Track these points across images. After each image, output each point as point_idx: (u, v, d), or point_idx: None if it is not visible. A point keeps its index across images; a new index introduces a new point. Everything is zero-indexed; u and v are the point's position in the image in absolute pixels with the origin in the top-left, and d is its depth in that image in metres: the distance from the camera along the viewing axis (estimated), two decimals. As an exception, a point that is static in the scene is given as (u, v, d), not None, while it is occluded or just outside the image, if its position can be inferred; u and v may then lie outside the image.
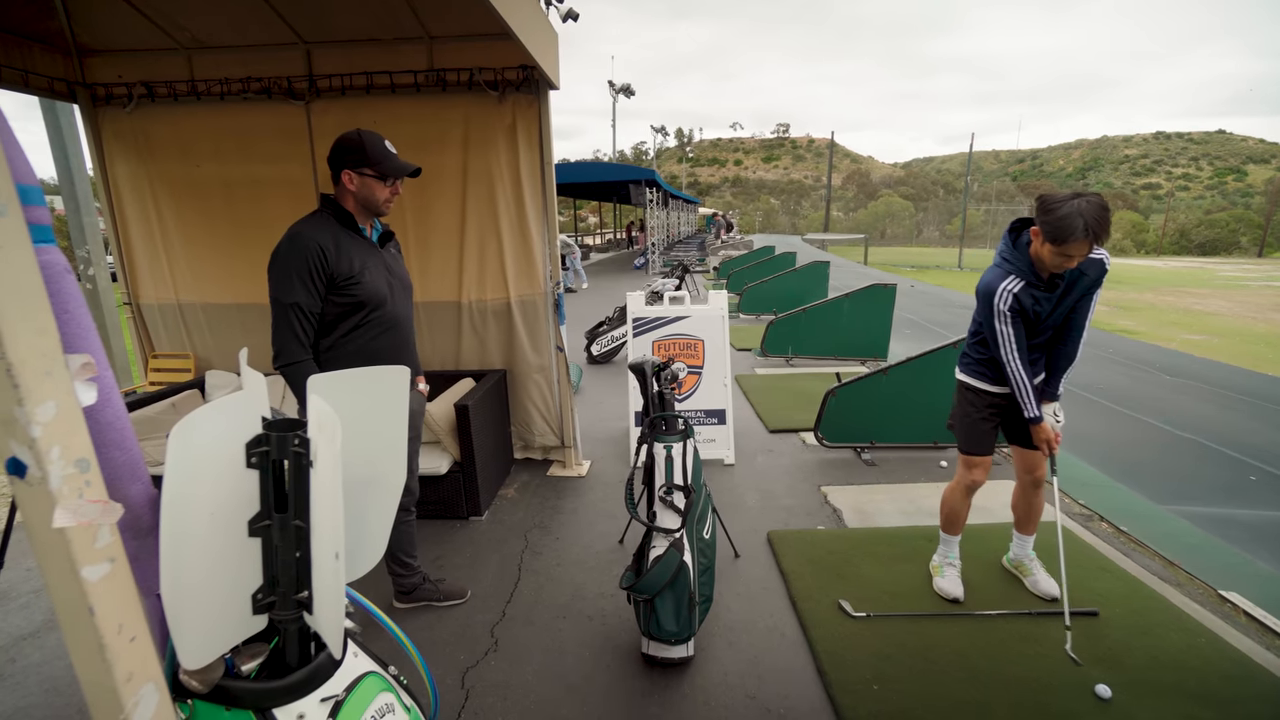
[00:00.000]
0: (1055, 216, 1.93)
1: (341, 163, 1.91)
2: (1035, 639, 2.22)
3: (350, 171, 1.91)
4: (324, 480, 0.81)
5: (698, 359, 3.94)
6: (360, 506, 1.04)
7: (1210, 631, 2.23)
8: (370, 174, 1.91)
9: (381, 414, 1.03)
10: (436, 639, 2.31)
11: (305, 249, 1.85)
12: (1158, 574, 2.67)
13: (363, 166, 1.90)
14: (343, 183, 1.93)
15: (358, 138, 1.91)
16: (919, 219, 65.52)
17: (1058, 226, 1.93)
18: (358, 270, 1.93)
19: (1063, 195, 1.97)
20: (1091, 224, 1.89)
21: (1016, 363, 2.17)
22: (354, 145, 1.90)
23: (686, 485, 2.24)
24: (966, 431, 2.42)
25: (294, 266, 1.84)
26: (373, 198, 1.94)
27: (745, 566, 2.77)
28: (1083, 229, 1.90)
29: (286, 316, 1.85)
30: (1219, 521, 3.39)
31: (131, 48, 3.48)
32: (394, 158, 1.94)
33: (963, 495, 2.47)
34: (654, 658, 2.12)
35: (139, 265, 3.83)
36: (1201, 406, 5.97)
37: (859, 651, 2.17)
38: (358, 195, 1.94)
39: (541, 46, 3.03)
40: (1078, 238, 1.91)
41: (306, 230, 1.88)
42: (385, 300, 2.01)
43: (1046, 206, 1.98)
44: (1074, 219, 1.90)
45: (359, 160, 1.89)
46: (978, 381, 2.38)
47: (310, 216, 1.96)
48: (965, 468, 2.44)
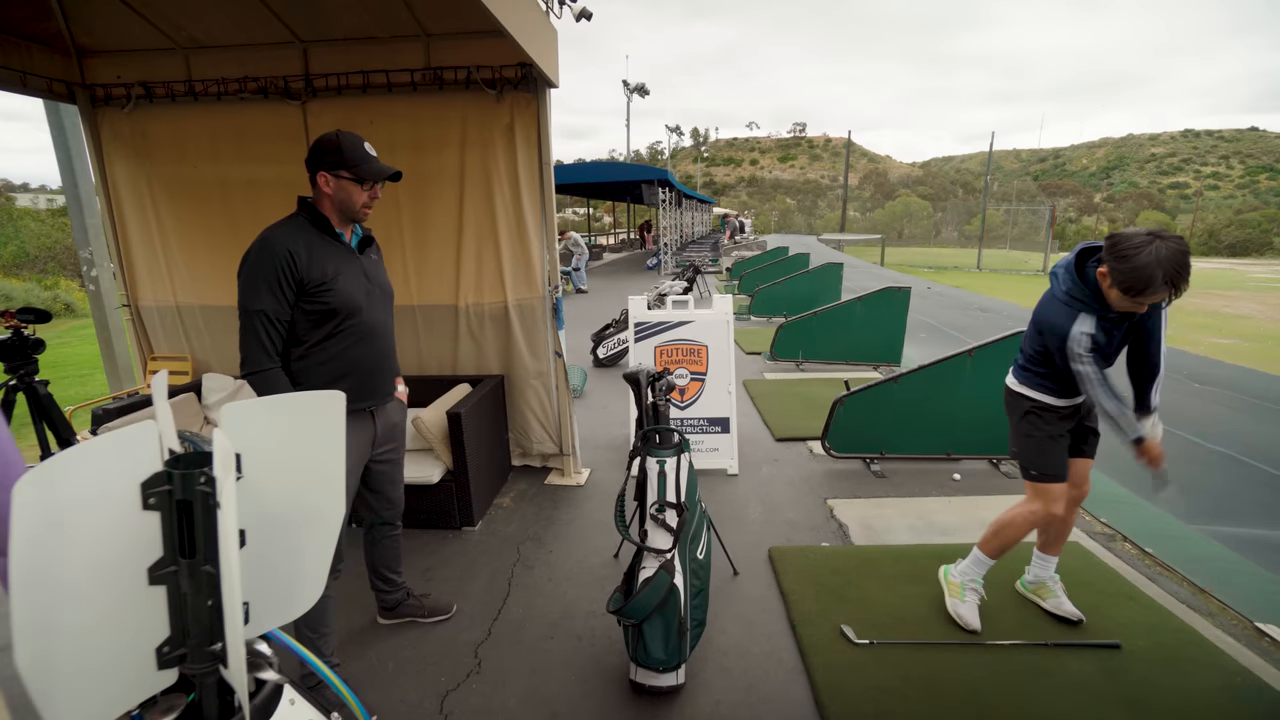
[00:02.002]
0: (1130, 265, 1.76)
1: (318, 164, 1.84)
2: (1053, 673, 2.07)
3: (326, 174, 1.83)
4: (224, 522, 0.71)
5: (701, 365, 3.82)
6: (294, 543, 0.94)
7: (1246, 670, 2.06)
8: (347, 176, 1.83)
9: (316, 443, 0.93)
10: (419, 658, 2.23)
11: (273, 254, 1.77)
12: (1187, 602, 2.50)
13: (339, 169, 1.82)
14: (319, 185, 1.86)
15: (335, 139, 1.83)
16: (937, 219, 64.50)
17: (1134, 276, 1.76)
18: (330, 276, 1.84)
19: (1138, 237, 1.77)
20: (1170, 274, 1.72)
21: (1108, 394, 1.95)
22: (330, 147, 1.82)
23: (679, 503, 2.13)
24: (1043, 454, 2.16)
25: (261, 272, 1.78)
26: (349, 201, 1.86)
27: (744, 585, 2.65)
28: (1161, 280, 1.73)
29: (252, 324, 1.79)
30: (1254, 544, 3.18)
31: (130, 48, 3.45)
32: (372, 160, 1.85)
33: (1029, 528, 2.25)
34: (642, 685, 2.02)
35: (137, 267, 3.81)
36: (1234, 416, 5.70)
37: (860, 683, 2.05)
38: (334, 199, 1.86)
39: (539, 44, 2.94)
40: (1155, 290, 1.75)
41: (276, 235, 1.81)
42: (360, 308, 1.92)
43: (1120, 251, 1.78)
44: (1151, 270, 1.72)
45: (335, 162, 1.81)
46: (1045, 396, 2.15)
47: (284, 221, 1.89)
48: (1043, 500, 2.18)
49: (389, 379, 2.08)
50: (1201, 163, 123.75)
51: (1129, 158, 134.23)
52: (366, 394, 1.98)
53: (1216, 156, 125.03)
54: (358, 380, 1.93)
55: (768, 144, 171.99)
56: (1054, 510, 2.17)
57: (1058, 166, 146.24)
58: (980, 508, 3.34)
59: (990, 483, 3.70)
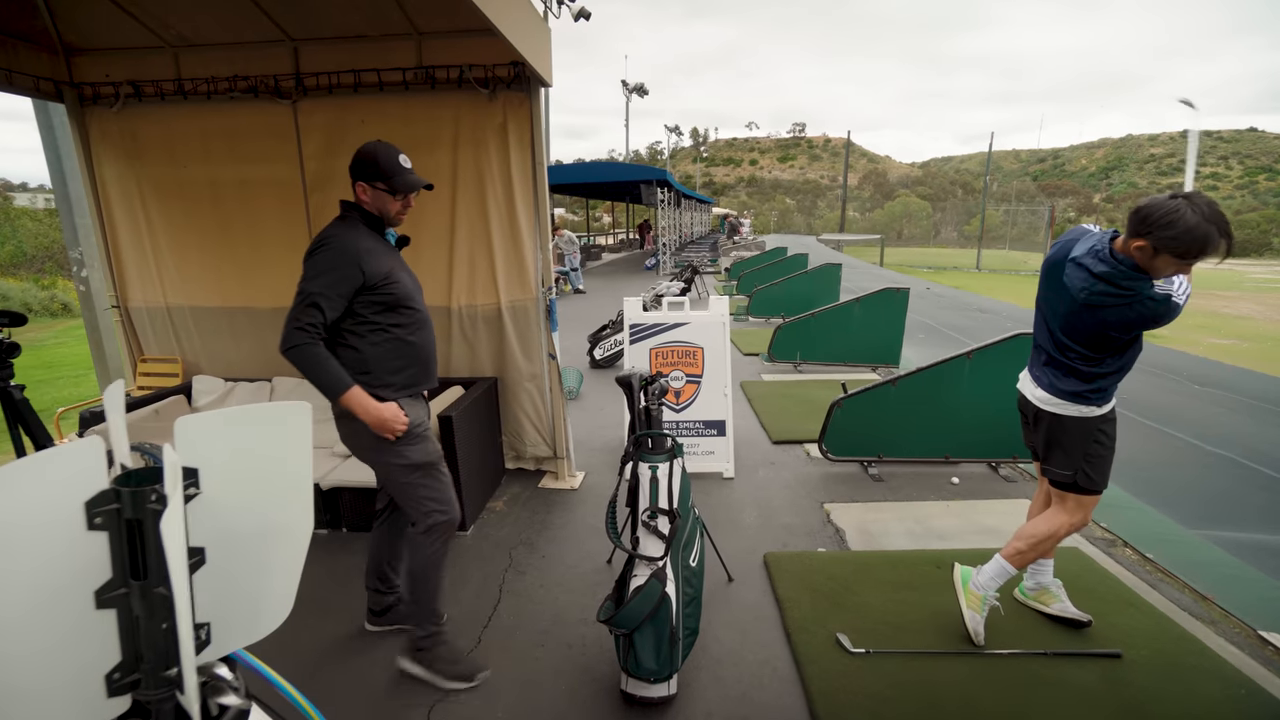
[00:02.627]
0: (1181, 229, 1.70)
1: (358, 175, 1.96)
2: (1052, 683, 2.03)
3: (364, 184, 1.95)
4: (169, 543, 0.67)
5: (697, 367, 3.78)
6: (260, 560, 0.90)
7: (1250, 681, 2.02)
8: (382, 188, 1.94)
9: (282, 455, 0.89)
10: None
11: (344, 249, 1.87)
12: (1188, 609, 2.46)
13: (376, 180, 1.93)
14: (357, 193, 1.97)
15: (373, 151, 1.94)
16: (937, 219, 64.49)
17: (1189, 239, 1.70)
18: (389, 270, 1.96)
19: (1169, 203, 1.73)
20: (1224, 228, 1.70)
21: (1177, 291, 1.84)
22: (368, 159, 1.93)
23: (672, 509, 2.09)
24: (1107, 467, 2.08)
25: (330, 262, 1.86)
26: (385, 210, 1.99)
27: (738, 591, 2.61)
28: (1219, 235, 1.69)
29: (302, 304, 1.84)
30: (1256, 549, 3.15)
31: (118, 46, 3.41)
32: (406, 173, 1.97)
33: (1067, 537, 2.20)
34: (633, 696, 1.98)
35: (127, 268, 3.77)
36: (1234, 418, 5.66)
37: (855, 692, 2.01)
38: (371, 206, 1.98)
39: (531, 42, 2.90)
40: (1215, 246, 1.70)
41: (347, 233, 1.91)
42: (414, 299, 2.05)
43: (1159, 220, 1.72)
44: (1205, 228, 1.68)
45: (373, 174, 1.93)
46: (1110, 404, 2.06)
47: (341, 225, 1.95)
48: (1086, 512, 2.13)
49: (436, 365, 2.21)
50: (1200, 163, 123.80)
51: (1128, 158, 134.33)
52: (424, 377, 2.12)
53: (1215, 157, 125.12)
54: (419, 364, 2.08)
55: (767, 144, 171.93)
56: (1089, 520, 2.17)
57: (1057, 167, 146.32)
58: (979, 512, 3.31)
59: (989, 487, 3.66)
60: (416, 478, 2.04)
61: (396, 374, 2.01)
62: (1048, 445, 2.14)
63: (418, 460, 2.03)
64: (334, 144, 3.45)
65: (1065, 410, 2.06)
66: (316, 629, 2.39)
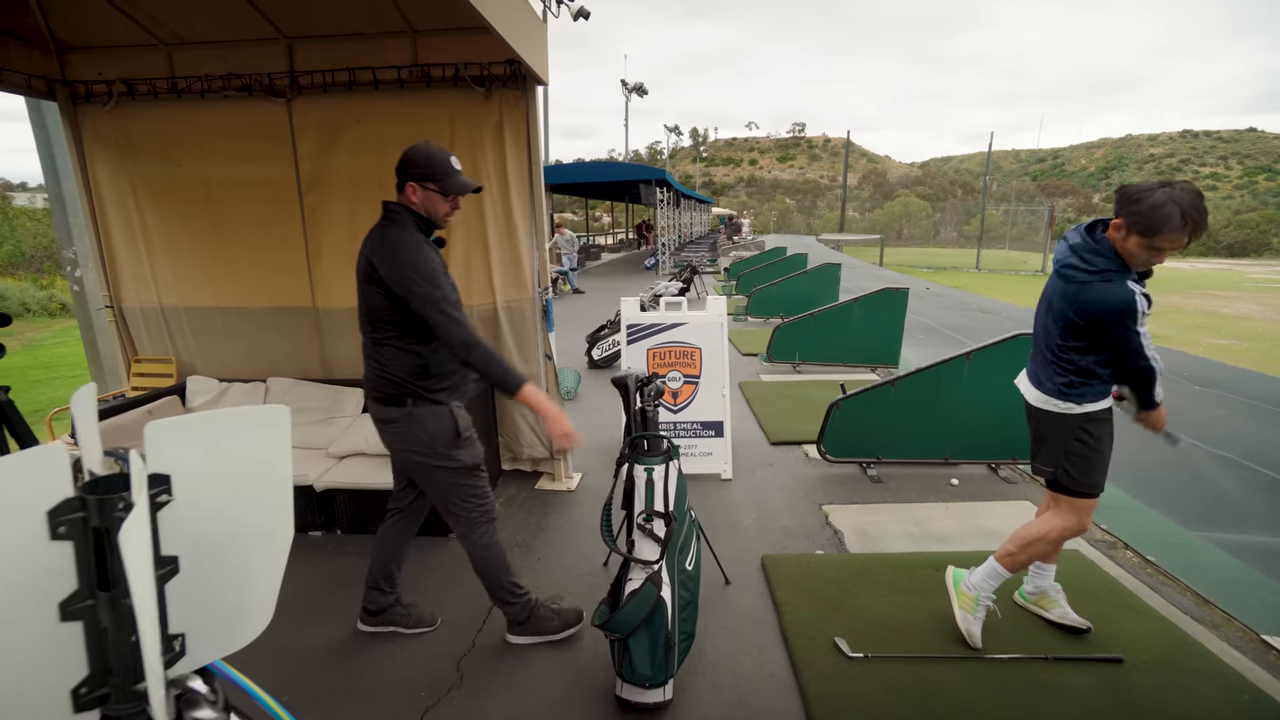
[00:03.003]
0: (1146, 206, 1.73)
1: (407, 175, 1.93)
2: (1053, 689, 2.00)
3: (415, 184, 1.93)
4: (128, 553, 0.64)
5: (694, 368, 3.75)
6: (237, 567, 0.88)
7: (1254, 686, 1.99)
8: (433, 189, 1.93)
9: (260, 460, 0.86)
10: (399, 671, 2.16)
11: (426, 247, 1.90)
12: (1190, 613, 2.43)
13: (426, 181, 1.92)
14: (406, 193, 1.94)
15: (425, 152, 1.94)
16: (936, 219, 64.47)
17: (1150, 217, 1.72)
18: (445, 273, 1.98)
19: (1150, 184, 1.77)
20: (1189, 213, 1.69)
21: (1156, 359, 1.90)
22: (419, 160, 1.92)
23: (668, 512, 2.06)
24: (1094, 468, 2.04)
25: (429, 265, 1.86)
26: (435, 211, 1.97)
27: (735, 595, 2.58)
28: (1179, 218, 1.70)
29: (450, 307, 1.86)
30: (1259, 551, 3.12)
31: (111, 44, 3.38)
32: (457, 175, 1.97)
33: (1062, 544, 2.17)
34: (628, 701, 1.95)
35: (121, 268, 3.74)
36: (1236, 419, 5.64)
37: (853, 698, 1.98)
38: (422, 206, 1.95)
39: (527, 40, 2.87)
40: (1173, 228, 1.71)
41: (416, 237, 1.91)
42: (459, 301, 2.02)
43: (1132, 196, 1.77)
44: (1169, 208, 1.70)
45: (423, 175, 1.92)
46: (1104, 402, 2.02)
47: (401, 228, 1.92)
48: (1079, 515, 2.09)
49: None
50: (1200, 163, 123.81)
51: (1128, 158, 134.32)
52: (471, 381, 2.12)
53: (1215, 157, 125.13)
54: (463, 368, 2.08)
55: (767, 144, 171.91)
56: (1086, 525, 2.11)
57: (1056, 167, 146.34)
58: (979, 514, 3.28)
59: (989, 488, 3.64)
60: (464, 480, 2.06)
61: (446, 378, 2.02)
62: (1035, 440, 2.17)
63: (468, 463, 2.06)
64: (328, 143, 3.42)
65: (1047, 405, 2.08)
66: (309, 633, 2.37)
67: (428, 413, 1.98)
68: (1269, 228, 48.79)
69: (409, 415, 1.97)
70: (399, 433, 2.00)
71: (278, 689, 2.08)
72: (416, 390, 1.96)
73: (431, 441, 1.98)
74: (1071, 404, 2.03)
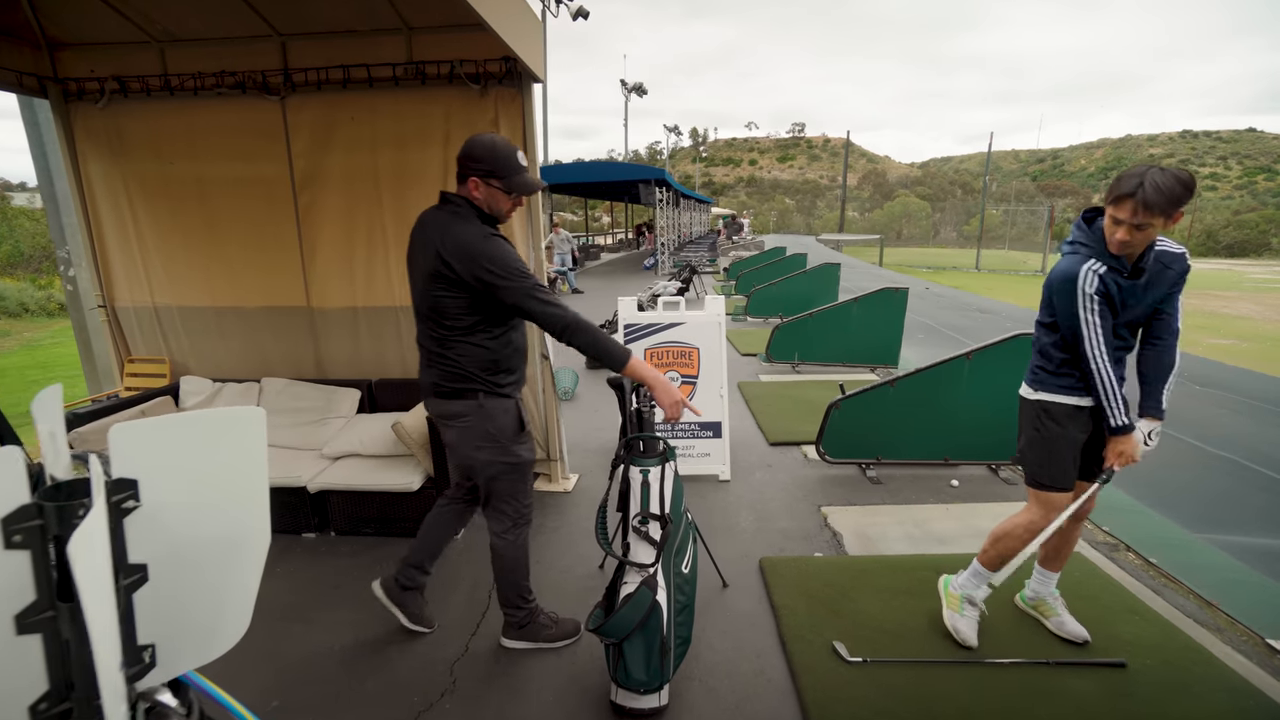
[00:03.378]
0: (1121, 175, 1.80)
1: (470, 169, 1.87)
2: (1054, 694, 1.97)
3: (478, 179, 1.87)
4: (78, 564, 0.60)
5: (692, 368, 3.72)
6: (211, 575, 0.84)
7: (1260, 692, 1.96)
8: (497, 186, 1.87)
9: (235, 464, 0.83)
10: (392, 676, 2.13)
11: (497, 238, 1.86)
12: (1194, 616, 2.40)
13: (491, 178, 1.86)
14: (468, 187, 1.89)
15: (490, 145, 1.87)
16: (936, 219, 64.46)
17: (1116, 183, 1.79)
18: None
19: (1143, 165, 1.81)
20: (1149, 186, 1.70)
21: (1102, 357, 1.88)
22: (485, 153, 1.86)
23: (664, 514, 2.03)
24: (1052, 463, 2.03)
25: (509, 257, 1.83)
26: (498, 208, 1.92)
27: (733, 598, 2.55)
28: (1134, 184, 1.72)
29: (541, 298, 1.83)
30: (1262, 553, 3.09)
31: (103, 41, 3.34)
32: (523, 174, 1.90)
33: (1030, 538, 2.12)
34: (622, 707, 1.92)
35: (114, 267, 3.71)
36: (1236, 420, 5.61)
37: (852, 703, 1.95)
38: (484, 202, 1.91)
39: (522, 37, 2.84)
40: (1125, 192, 1.74)
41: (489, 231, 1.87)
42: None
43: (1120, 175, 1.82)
44: (1132, 178, 1.74)
45: (488, 171, 1.86)
46: (1064, 396, 2.00)
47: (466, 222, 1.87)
48: (1044, 507, 2.06)
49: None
50: (1200, 163, 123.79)
51: (1127, 158, 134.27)
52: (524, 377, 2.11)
53: (1215, 157, 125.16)
54: (525, 361, 2.09)
55: (766, 144, 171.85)
56: (1052, 520, 2.07)
57: (1056, 167, 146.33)
58: (979, 515, 3.25)
59: (989, 489, 3.61)
60: (518, 478, 2.06)
61: (513, 372, 2.02)
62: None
63: (526, 459, 2.06)
64: (323, 141, 3.39)
65: (1020, 391, 2.16)
66: (301, 637, 2.33)
67: (497, 406, 1.97)
68: (1268, 228, 48.76)
69: (480, 409, 1.95)
70: (467, 427, 1.98)
71: (268, 694, 2.05)
72: (488, 384, 1.95)
73: (499, 435, 1.98)
74: (1029, 389, 2.10)
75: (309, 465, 3.09)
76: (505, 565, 2.14)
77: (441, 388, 1.98)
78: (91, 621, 0.60)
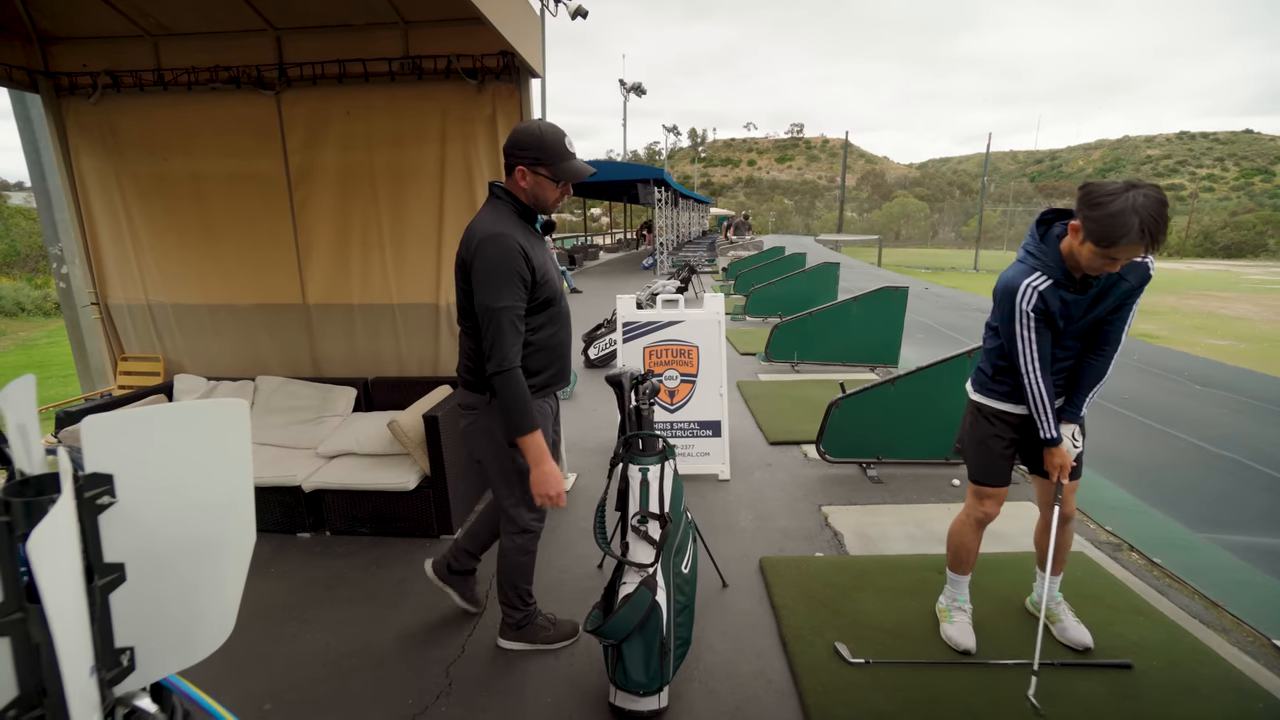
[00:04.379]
0: (1104, 213, 1.60)
1: (517, 157, 1.80)
2: (1060, 695, 1.94)
3: (525, 168, 1.80)
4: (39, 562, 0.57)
5: (691, 367, 3.69)
6: (192, 577, 0.81)
7: (1268, 694, 1.93)
8: (545, 174, 1.81)
9: (217, 461, 0.80)
10: (387, 678, 2.09)
11: (512, 251, 1.74)
12: (1199, 617, 2.37)
13: (538, 165, 1.80)
14: (514, 177, 1.83)
15: (537, 133, 1.79)
16: (934, 220, 64.59)
17: (1107, 225, 1.59)
18: (541, 265, 1.84)
19: (1113, 185, 1.63)
20: (1148, 223, 1.56)
21: (1036, 373, 1.88)
22: (532, 142, 1.79)
23: (663, 513, 2.00)
24: (979, 458, 2.14)
25: (504, 270, 1.73)
26: (543, 197, 1.85)
27: (733, 598, 2.52)
28: (1138, 230, 1.56)
29: (501, 322, 1.73)
30: (1265, 553, 3.06)
31: (95, 35, 3.31)
32: (571, 160, 1.83)
33: (973, 530, 2.18)
34: (622, 709, 1.88)
35: (107, 264, 3.67)
36: (1237, 419, 5.59)
37: (854, 705, 1.92)
38: (529, 192, 1.84)
39: (520, 32, 2.81)
40: (1130, 240, 1.58)
41: (506, 230, 1.76)
42: (559, 293, 1.95)
43: (1093, 199, 1.63)
44: (1128, 217, 1.56)
45: (536, 159, 1.79)
46: (994, 401, 2.08)
47: (495, 212, 1.81)
48: (975, 499, 2.16)
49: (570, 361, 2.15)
50: (1197, 165, 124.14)
51: (1125, 159, 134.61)
52: (560, 377, 2.04)
53: (1212, 159, 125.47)
54: (559, 361, 2.01)
55: (765, 145, 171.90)
56: (987, 510, 2.14)
57: (1054, 168, 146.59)
58: (980, 515, 3.22)
59: (990, 488, 3.57)
60: (519, 481, 1.99)
61: (539, 374, 1.93)
62: None
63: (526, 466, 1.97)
64: (318, 137, 3.36)
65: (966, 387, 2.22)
66: (295, 639, 2.30)
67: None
68: (1265, 229, 48.88)
69: (489, 404, 1.89)
70: (475, 420, 1.95)
71: (260, 696, 2.01)
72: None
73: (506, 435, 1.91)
74: (970, 387, 2.18)
75: (304, 464, 3.05)
76: (506, 565, 2.11)
77: (462, 376, 1.97)
78: (54, 622, 0.57)
